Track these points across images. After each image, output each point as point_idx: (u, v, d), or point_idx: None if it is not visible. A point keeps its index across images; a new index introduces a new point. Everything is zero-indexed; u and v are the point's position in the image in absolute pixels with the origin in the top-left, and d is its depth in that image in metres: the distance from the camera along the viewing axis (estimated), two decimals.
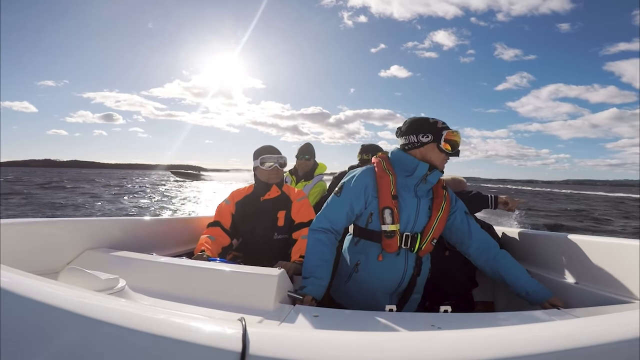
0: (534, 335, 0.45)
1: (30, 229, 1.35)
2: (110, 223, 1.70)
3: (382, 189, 1.43)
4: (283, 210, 1.97)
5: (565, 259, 1.44)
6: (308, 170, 3.09)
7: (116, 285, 1.04)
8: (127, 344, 0.41)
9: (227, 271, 1.28)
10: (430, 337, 0.46)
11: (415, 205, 1.44)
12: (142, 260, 1.40)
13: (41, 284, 0.49)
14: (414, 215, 1.43)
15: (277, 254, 1.91)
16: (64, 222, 1.49)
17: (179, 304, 1.14)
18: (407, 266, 1.44)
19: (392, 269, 1.44)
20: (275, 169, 1.96)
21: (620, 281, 1.19)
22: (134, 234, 1.81)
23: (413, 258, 1.45)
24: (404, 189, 1.45)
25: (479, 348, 0.42)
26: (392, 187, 1.42)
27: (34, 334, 0.42)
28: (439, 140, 1.42)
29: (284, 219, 1.96)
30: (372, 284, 1.45)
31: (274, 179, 1.98)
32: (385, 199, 1.42)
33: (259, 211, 1.98)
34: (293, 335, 0.45)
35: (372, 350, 0.42)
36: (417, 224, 1.44)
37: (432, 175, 1.45)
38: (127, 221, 1.82)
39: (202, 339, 0.41)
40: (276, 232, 1.95)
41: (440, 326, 0.92)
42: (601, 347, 0.42)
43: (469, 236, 1.51)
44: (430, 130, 1.43)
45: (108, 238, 1.63)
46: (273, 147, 2.04)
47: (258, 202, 1.99)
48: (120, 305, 0.47)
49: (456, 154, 1.47)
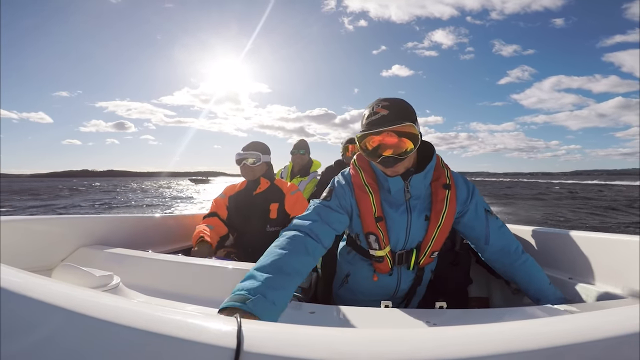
0: (529, 331, 0.45)
1: (24, 226, 1.34)
2: (104, 220, 1.69)
3: (363, 212, 1.21)
4: (276, 202, 1.99)
5: (560, 254, 1.45)
6: (303, 166, 3.11)
7: (110, 282, 1.03)
8: (121, 341, 0.40)
9: (221, 268, 1.27)
10: (425, 333, 0.46)
11: (404, 222, 1.21)
12: (137, 257, 1.39)
13: (34, 280, 0.48)
14: (404, 234, 1.22)
15: None
16: (58, 219, 1.48)
17: (173, 301, 1.13)
18: (400, 282, 1.28)
19: (384, 286, 1.29)
20: (244, 166, 1.98)
21: (616, 277, 1.20)
22: (129, 231, 1.80)
23: (409, 273, 1.29)
24: (390, 205, 1.22)
25: (475, 344, 0.42)
26: (373, 210, 1.19)
27: (26, 332, 0.41)
28: (360, 141, 1.15)
29: (277, 212, 1.98)
30: (363, 296, 1.32)
31: (247, 175, 2.01)
32: (367, 223, 1.21)
33: (251, 204, 2.00)
34: (288, 332, 0.44)
35: (367, 347, 0.42)
36: (410, 240, 1.23)
37: (413, 185, 1.19)
38: (121, 218, 1.81)
39: (197, 335, 0.40)
40: (269, 224, 1.96)
41: (435, 322, 0.92)
42: (599, 343, 0.42)
43: (485, 240, 1.26)
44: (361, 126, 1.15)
45: (103, 235, 1.62)
46: (249, 144, 2.03)
47: (250, 196, 2.02)
48: (114, 302, 0.46)
49: (380, 158, 1.11)
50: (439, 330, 0.48)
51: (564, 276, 1.38)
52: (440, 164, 1.28)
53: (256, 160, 1.97)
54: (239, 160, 1.98)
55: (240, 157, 1.97)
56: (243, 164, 1.97)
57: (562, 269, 1.43)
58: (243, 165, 1.97)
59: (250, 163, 1.97)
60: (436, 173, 1.25)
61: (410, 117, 1.10)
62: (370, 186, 1.21)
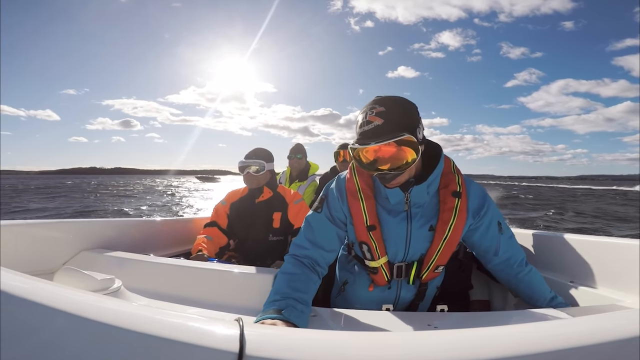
0: (530, 334, 0.45)
1: (26, 229, 1.34)
2: (106, 224, 1.69)
3: (355, 220, 1.12)
4: (279, 211, 1.96)
5: (561, 258, 1.45)
6: (301, 170, 3.10)
7: (112, 285, 1.03)
8: (122, 344, 0.40)
9: (223, 271, 1.27)
10: (427, 336, 0.46)
11: (404, 232, 1.10)
12: (138, 260, 1.39)
13: (36, 284, 0.48)
14: (403, 245, 1.12)
15: (273, 255, 1.91)
16: (60, 223, 1.48)
17: (174, 304, 1.13)
18: (399, 296, 1.19)
19: (381, 299, 1.19)
20: (247, 174, 1.94)
21: (617, 280, 1.20)
22: (130, 234, 1.80)
23: (410, 288, 1.18)
24: (388, 212, 1.12)
25: (476, 348, 0.42)
26: (364, 217, 1.10)
27: (28, 335, 0.41)
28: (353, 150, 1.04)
29: (280, 221, 1.95)
30: (360, 307, 1.21)
31: (251, 184, 1.97)
32: (359, 232, 1.12)
33: (253, 213, 1.97)
34: (290, 336, 0.44)
35: (369, 350, 0.42)
36: (411, 252, 1.13)
37: (415, 194, 1.08)
38: (123, 222, 1.82)
39: (199, 339, 0.40)
40: (271, 233, 1.94)
41: (436, 325, 0.92)
42: (600, 347, 0.42)
43: (494, 253, 1.19)
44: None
45: (104, 239, 1.62)
46: (252, 151, 1.99)
47: (253, 204, 1.99)
48: (116, 305, 0.46)
49: (378, 171, 1.01)
50: (440, 333, 0.48)
51: (565, 280, 1.38)
52: (451, 169, 1.15)
53: (260, 168, 1.92)
54: (242, 168, 1.94)
55: (244, 165, 1.93)
56: (246, 172, 1.93)
57: (563, 272, 1.42)
58: (246, 173, 1.93)
59: (254, 171, 1.91)
60: (445, 179, 1.12)
61: (410, 126, 0.98)
62: (363, 192, 1.12)
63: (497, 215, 1.18)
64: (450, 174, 1.14)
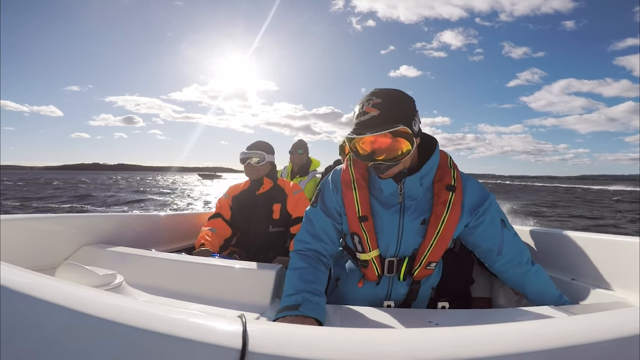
0: (531, 332, 0.45)
1: (27, 224, 1.34)
2: (108, 219, 1.69)
3: (347, 210, 1.13)
4: (278, 203, 1.99)
5: (562, 255, 1.45)
6: (302, 166, 3.13)
7: (114, 281, 1.04)
8: (124, 340, 0.40)
9: (225, 267, 1.27)
10: (428, 333, 0.46)
11: (395, 225, 1.10)
12: (140, 256, 1.40)
13: (38, 279, 0.48)
14: (395, 238, 1.11)
15: (274, 247, 1.95)
16: (61, 217, 1.48)
17: (176, 300, 1.14)
18: (391, 294, 1.17)
19: (371, 296, 1.18)
20: (248, 165, 1.98)
21: (618, 278, 1.20)
22: (132, 229, 1.80)
23: (402, 285, 1.16)
24: (381, 204, 1.12)
25: (477, 345, 0.42)
26: (356, 208, 1.11)
27: (29, 330, 0.41)
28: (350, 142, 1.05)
29: (280, 212, 1.98)
30: (351, 304, 1.15)
31: (251, 175, 2.01)
32: (351, 223, 1.12)
33: (254, 205, 2.00)
34: (293, 332, 0.44)
35: (370, 347, 0.42)
36: (403, 246, 1.12)
37: (408, 185, 1.08)
38: (125, 217, 1.82)
39: (202, 335, 0.40)
40: (271, 224, 1.97)
41: (438, 322, 0.92)
42: (601, 344, 0.42)
43: (498, 252, 1.16)
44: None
45: (106, 234, 1.62)
46: (253, 144, 2.04)
47: (253, 196, 2.02)
48: (117, 301, 0.46)
49: (373, 162, 1.02)
50: (441, 330, 0.48)
51: (566, 277, 1.38)
52: (447, 163, 1.16)
53: (260, 159, 1.96)
54: (243, 159, 1.98)
55: (245, 156, 1.97)
56: (247, 163, 1.97)
57: (565, 270, 1.42)
58: (247, 164, 1.97)
59: (254, 162, 1.96)
60: (440, 172, 1.13)
61: (406, 117, 1.00)
62: (357, 182, 1.12)
63: (499, 213, 1.17)
64: (446, 168, 1.14)
